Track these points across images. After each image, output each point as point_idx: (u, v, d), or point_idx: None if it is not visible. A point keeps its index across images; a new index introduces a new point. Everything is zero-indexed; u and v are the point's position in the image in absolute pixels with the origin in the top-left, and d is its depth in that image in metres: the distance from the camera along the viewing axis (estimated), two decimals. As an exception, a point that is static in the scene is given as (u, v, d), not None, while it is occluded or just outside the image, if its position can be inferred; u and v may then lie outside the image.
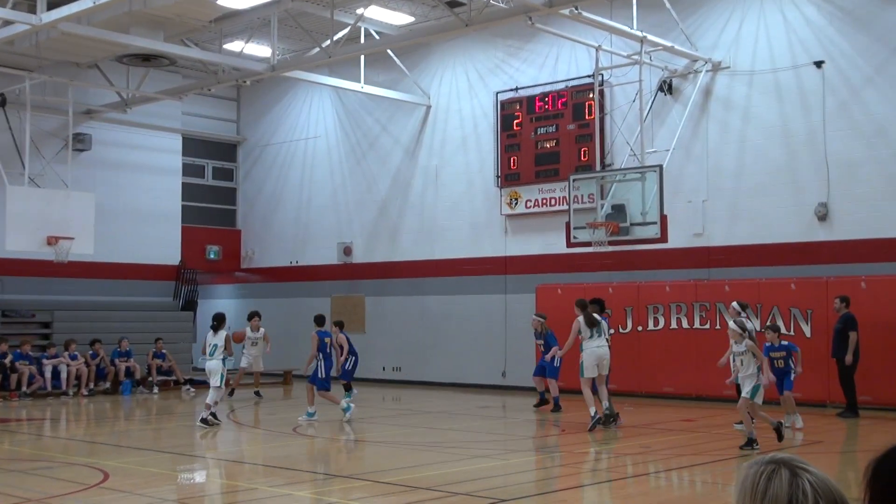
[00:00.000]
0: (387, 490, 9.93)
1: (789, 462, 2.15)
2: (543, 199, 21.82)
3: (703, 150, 19.78)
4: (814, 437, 13.97)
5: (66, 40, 19.61)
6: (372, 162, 25.67)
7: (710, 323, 18.75)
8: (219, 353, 15.81)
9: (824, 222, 18.23)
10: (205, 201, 28.60)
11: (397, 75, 24.42)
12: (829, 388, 17.03)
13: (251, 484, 10.75)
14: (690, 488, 10.94)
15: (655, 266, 20.11)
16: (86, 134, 24.69)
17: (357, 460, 12.92)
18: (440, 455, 13.06)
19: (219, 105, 28.91)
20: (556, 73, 21.95)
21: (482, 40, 23.25)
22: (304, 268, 27.15)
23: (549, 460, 12.94)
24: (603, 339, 14.89)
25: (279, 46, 22.96)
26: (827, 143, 18.16)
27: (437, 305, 23.81)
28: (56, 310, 23.62)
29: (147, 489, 10.14)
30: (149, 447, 14.00)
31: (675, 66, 20.10)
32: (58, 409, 19.39)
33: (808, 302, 17.61)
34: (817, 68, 18.38)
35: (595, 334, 14.81)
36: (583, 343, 14.92)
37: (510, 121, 22.47)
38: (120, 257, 25.14)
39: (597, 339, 14.84)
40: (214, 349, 15.86)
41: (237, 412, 18.36)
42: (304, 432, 15.18)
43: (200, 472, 12.18)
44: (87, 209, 21.19)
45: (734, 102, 19.50)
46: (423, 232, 24.31)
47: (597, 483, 11.05)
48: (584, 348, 14.88)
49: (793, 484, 2.10)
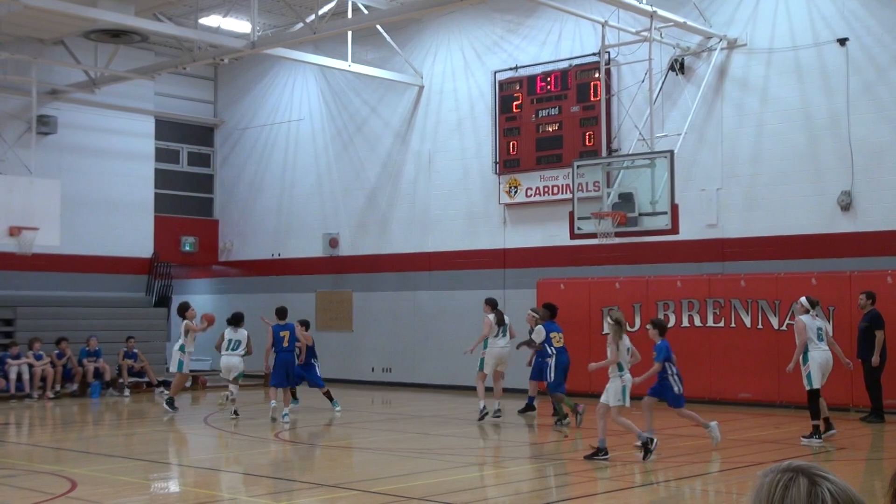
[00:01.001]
0: (376, 500, 9.93)
1: (808, 470, 2.15)
2: (545, 186, 21.82)
3: (717, 134, 19.78)
4: (837, 444, 13.99)
5: (28, 14, 19.55)
6: (360, 147, 25.64)
7: (725, 321, 18.78)
8: (241, 349, 17.74)
9: (848, 212, 18.26)
10: (179, 189, 28.56)
11: (387, 53, 24.39)
12: (852, 390, 17.07)
13: (231, 493, 10.75)
14: (703, 498, 10.97)
15: (666, 259, 20.13)
16: (51, 116, 24.62)
17: (344, 468, 12.92)
18: (433, 463, 13.07)
19: (194, 85, 28.84)
20: (559, 50, 21.93)
21: (479, 15, 23.22)
22: (287, 261, 27.13)
23: (549, 468, 12.96)
24: (506, 339, 17.09)
25: (260, 21, 22.90)
26: (851, 128, 18.18)
27: (431, 302, 23.82)
28: (19, 306, 23.58)
29: (118, 499, 10.14)
30: (120, 454, 13.99)
31: (687, 44, 20.09)
32: (21, 413, 19.37)
33: (830, 298, 17.63)
34: (841, 46, 18.39)
35: (500, 333, 17.00)
36: (488, 340, 17.07)
37: (509, 102, 22.46)
38: (88, 249, 25.10)
39: (501, 338, 17.04)
40: (238, 345, 17.75)
41: (213, 416, 18.35)
42: (287, 438, 15.18)
43: (175, 480, 12.18)
44: (52, 197, 21.14)
45: (751, 83, 19.50)
46: (415, 222, 24.30)
47: (602, 493, 11.06)
48: (489, 345, 17.03)
49: (811, 493, 2.10)
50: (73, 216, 23.23)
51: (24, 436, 17.07)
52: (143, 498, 10.67)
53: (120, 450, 14.62)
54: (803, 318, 14.20)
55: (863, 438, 14.94)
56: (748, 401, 18.43)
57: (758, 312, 18.51)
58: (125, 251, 26.04)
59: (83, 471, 11.80)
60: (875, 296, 16.36)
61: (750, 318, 18.60)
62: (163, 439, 16.21)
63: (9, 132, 23.43)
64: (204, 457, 14.43)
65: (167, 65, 23.95)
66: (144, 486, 11.31)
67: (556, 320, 17.12)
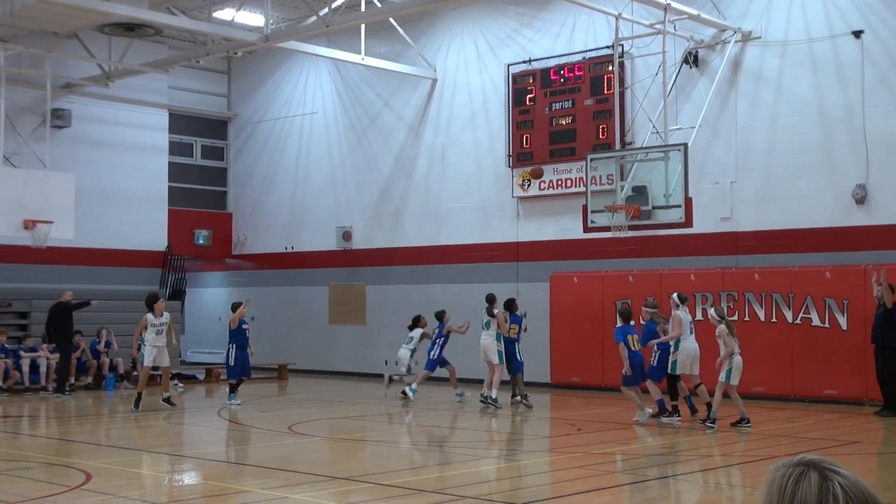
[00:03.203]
0: (389, 493, 9.96)
1: (819, 464, 2.15)
2: (558, 180, 21.80)
3: (731, 127, 19.73)
4: (850, 437, 13.98)
5: (43, 8, 19.59)
6: (373, 140, 25.65)
7: (739, 314, 18.73)
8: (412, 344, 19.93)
9: (862, 205, 18.19)
10: (193, 182, 28.63)
11: (401, 46, 24.38)
12: (866, 384, 17.04)
13: (243, 486, 10.79)
14: (716, 492, 10.96)
15: (679, 253, 20.09)
16: (65, 109, 24.70)
17: (357, 461, 12.95)
18: (446, 455, 13.10)
19: (208, 78, 28.90)
20: (573, 43, 21.89)
21: (493, 8, 23.19)
22: (300, 254, 27.18)
23: (563, 461, 12.96)
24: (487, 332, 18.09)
25: (273, 15, 22.92)
26: (866, 120, 18.10)
27: (443, 295, 23.81)
28: (34, 299, 23.67)
29: (132, 491, 10.18)
30: (134, 446, 14.05)
31: (701, 37, 20.03)
32: (36, 406, 19.46)
33: (845, 291, 17.58)
34: (856, 38, 18.30)
35: (485, 328, 18.14)
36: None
37: (522, 95, 22.43)
38: (102, 242, 25.18)
39: (484, 332, 18.16)
40: (409, 340, 20.06)
41: (227, 409, 18.40)
42: (301, 431, 15.22)
43: (189, 473, 12.23)
44: (66, 190, 21.21)
45: (765, 76, 19.43)
46: (428, 216, 24.31)
47: (616, 486, 11.06)
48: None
49: (822, 487, 2.11)
50: (87, 209, 23.30)
51: (39, 428, 17.16)
52: (158, 490, 10.72)
53: (134, 442, 14.68)
54: (678, 314, 15.55)
55: (876, 433, 14.90)
56: (761, 394, 18.39)
57: (772, 306, 18.46)
58: (139, 244, 26.11)
59: (97, 463, 11.86)
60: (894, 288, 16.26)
61: (764, 311, 18.55)
62: (177, 432, 16.28)
63: (23, 125, 23.52)
64: (217, 449, 14.48)
65: (181, 58, 24.00)
66: (158, 479, 11.36)
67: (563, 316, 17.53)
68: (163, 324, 18.03)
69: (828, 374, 17.76)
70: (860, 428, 15.01)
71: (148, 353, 18.02)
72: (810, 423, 15.60)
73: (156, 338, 17.90)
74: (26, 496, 9.71)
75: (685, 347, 15.57)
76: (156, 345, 17.92)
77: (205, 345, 29.24)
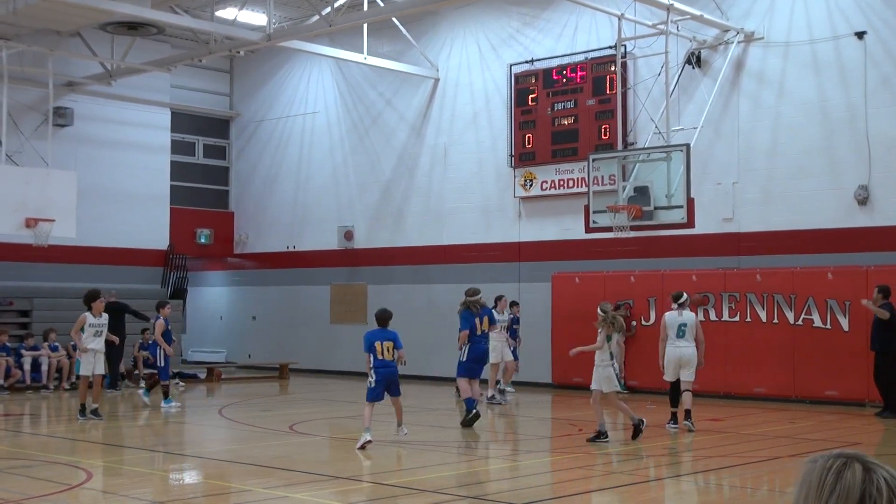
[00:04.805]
0: (389, 493, 9.98)
1: (861, 457, 2.16)
2: (560, 180, 21.81)
3: (733, 128, 19.73)
4: (851, 439, 13.98)
5: (45, 6, 19.61)
6: (375, 140, 25.67)
7: (741, 315, 18.75)
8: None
9: (865, 207, 18.19)
10: (195, 181, 28.65)
11: (403, 46, 24.39)
12: (867, 386, 17.04)
13: (244, 485, 10.81)
14: (717, 493, 10.97)
15: (681, 253, 20.10)
16: (67, 108, 24.74)
17: (358, 461, 12.96)
18: (447, 456, 13.12)
19: (210, 77, 28.92)
20: (575, 43, 21.90)
21: (495, 8, 23.20)
22: (302, 253, 27.20)
23: (564, 462, 12.98)
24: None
25: (276, 14, 22.94)
26: (868, 121, 18.11)
27: (445, 295, 23.81)
28: (35, 297, 23.71)
29: (133, 490, 10.20)
30: (135, 445, 14.07)
31: (703, 37, 20.03)
32: (37, 404, 19.49)
33: (846, 293, 17.59)
34: (858, 39, 18.31)
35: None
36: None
37: (525, 95, 22.44)
38: (104, 241, 25.21)
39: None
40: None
41: (227, 408, 18.42)
42: (301, 431, 15.24)
43: (190, 472, 12.24)
44: (68, 189, 21.23)
45: (768, 76, 19.44)
46: (430, 215, 24.33)
47: (616, 487, 11.07)
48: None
49: (866, 479, 2.11)
50: (89, 208, 23.32)
51: (40, 426, 17.18)
52: (158, 489, 10.74)
53: (135, 441, 14.70)
54: (665, 315, 15.07)
55: (875, 434, 14.91)
56: (763, 395, 18.40)
57: (773, 307, 18.47)
58: (141, 243, 26.13)
59: (99, 462, 11.88)
60: (889, 291, 16.31)
61: (765, 312, 18.56)
62: (178, 431, 16.30)
63: (25, 124, 23.55)
64: (219, 448, 14.49)
65: (183, 57, 24.02)
66: (160, 478, 11.38)
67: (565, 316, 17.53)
68: (102, 325, 16.60)
69: (829, 376, 17.77)
70: (861, 429, 15.02)
71: (85, 361, 16.33)
72: (811, 424, 15.60)
73: (93, 339, 16.40)
74: (28, 494, 9.74)
75: (668, 351, 14.92)
76: (94, 348, 16.37)
77: (206, 344, 29.29)
